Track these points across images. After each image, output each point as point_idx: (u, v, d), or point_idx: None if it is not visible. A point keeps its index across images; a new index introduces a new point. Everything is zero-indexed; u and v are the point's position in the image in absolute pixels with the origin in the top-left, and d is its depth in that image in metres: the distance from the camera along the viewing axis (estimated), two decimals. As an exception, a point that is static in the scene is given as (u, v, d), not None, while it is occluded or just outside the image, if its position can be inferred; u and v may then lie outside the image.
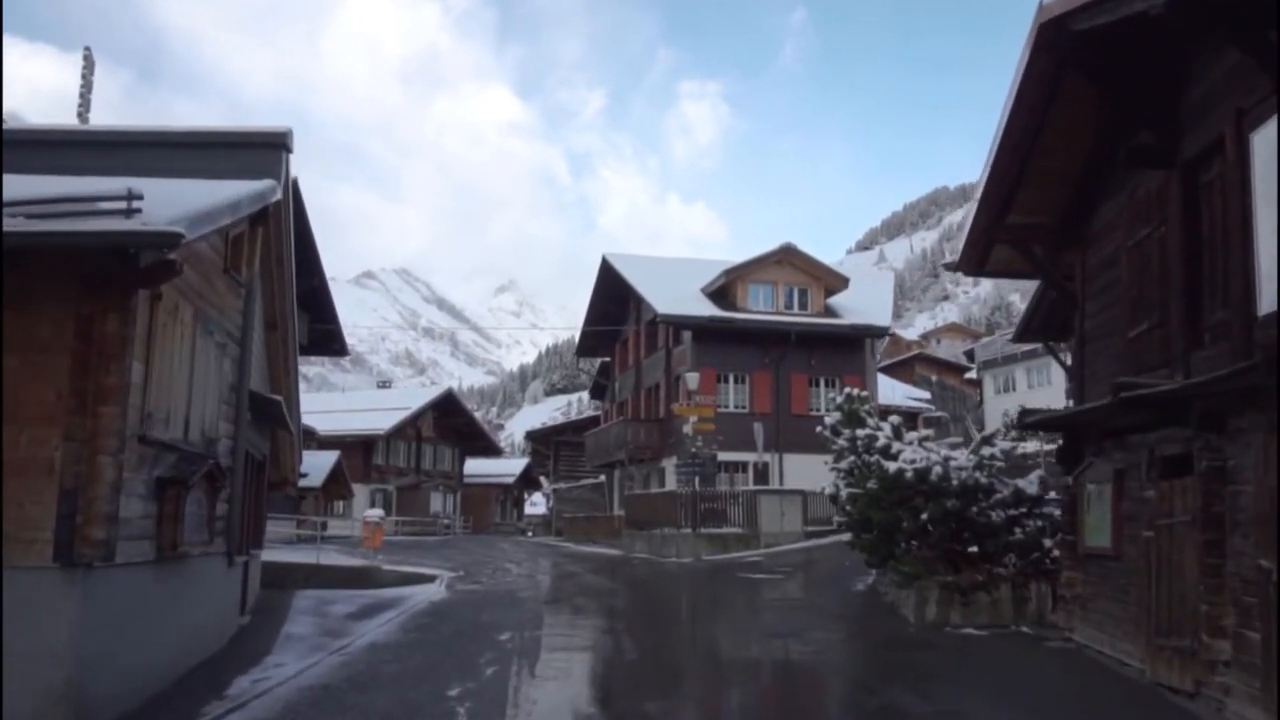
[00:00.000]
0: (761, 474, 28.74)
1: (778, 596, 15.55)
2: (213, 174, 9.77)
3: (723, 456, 27.22)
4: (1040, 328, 28.05)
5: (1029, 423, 10.46)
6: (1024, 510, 12.48)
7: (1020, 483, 12.51)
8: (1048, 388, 47.23)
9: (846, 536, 24.14)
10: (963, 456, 12.69)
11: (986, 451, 12.54)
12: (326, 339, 37.31)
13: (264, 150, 10.77)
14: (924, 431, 13.57)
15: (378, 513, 21.37)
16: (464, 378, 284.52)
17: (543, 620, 12.91)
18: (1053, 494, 13.55)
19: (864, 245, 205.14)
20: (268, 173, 10.57)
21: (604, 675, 9.56)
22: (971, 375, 59.87)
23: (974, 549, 12.65)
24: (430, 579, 19.62)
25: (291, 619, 12.93)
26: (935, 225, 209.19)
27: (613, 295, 35.94)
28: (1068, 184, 10.48)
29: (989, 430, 13.04)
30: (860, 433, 13.03)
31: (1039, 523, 12.31)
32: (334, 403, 58.29)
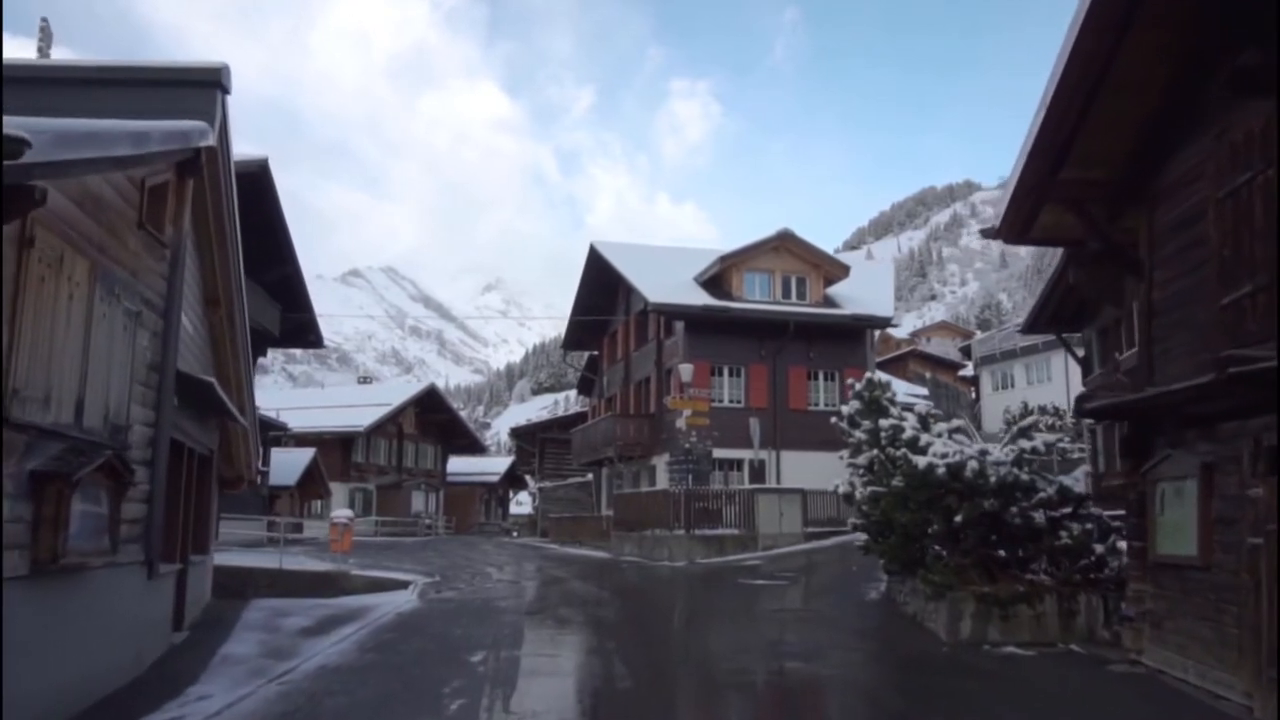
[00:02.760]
0: (758, 472, 27.26)
1: (784, 607, 14.04)
2: (134, 116, 8.19)
3: (717, 454, 25.69)
4: (1052, 319, 26.78)
5: (1089, 410, 8.98)
6: (1069, 511, 11.01)
7: (1065, 480, 11.04)
8: (1047, 384, 45.96)
9: (849, 538, 22.79)
10: (998, 450, 11.21)
11: (1025, 445, 11.06)
12: (302, 330, 35.68)
13: (194, 90, 9.19)
14: (955, 422, 12.06)
15: (346, 513, 19.74)
16: (451, 376, 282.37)
17: (522, 636, 11.36)
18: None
19: (851, 245, 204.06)
20: (200, 116, 9.00)
21: (592, 709, 8.01)
22: (966, 372, 58.58)
23: (1001, 553, 11.22)
24: (402, 585, 18.02)
25: (235, 636, 11.32)
26: (922, 225, 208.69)
27: (601, 286, 34.39)
28: (1133, 130, 9.01)
29: (1026, 422, 11.53)
30: (884, 423, 11.51)
31: (1087, 525, 10.84)
32: (311, 398, 56.63)
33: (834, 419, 13.19)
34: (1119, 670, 8.69)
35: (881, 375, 12.86)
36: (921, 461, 10.61)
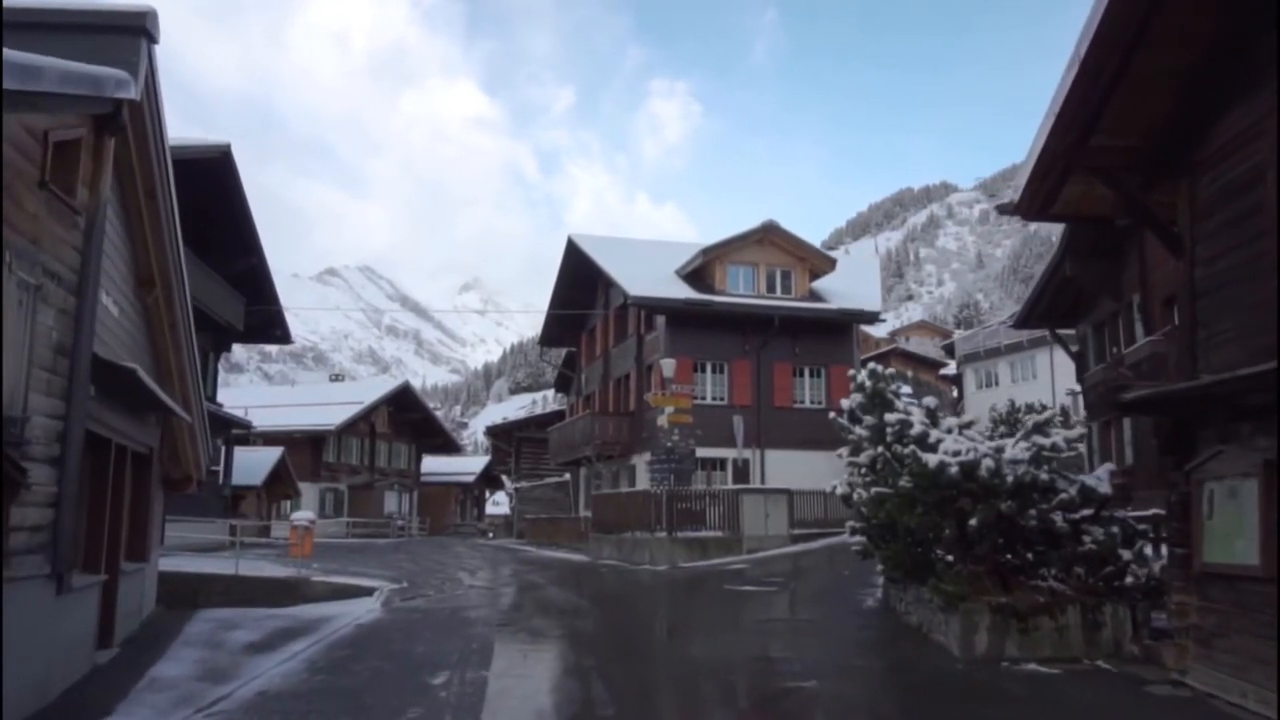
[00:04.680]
0: (741, 472, 26.31)
1: (776, 617, 13.05)
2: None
3: (699, 453, 24.67)
4: (1044, 314, 25.93)
5: (1128, 401, 8.01)
6: (1090, 513, 10.08)
7: (1088, 479, 10.10)
8: (1032, 381, 45.40)
9: (837, 540, 21.76)
10: (1012, 448, 10.24)
11: (1043, 441, 10.10)
12: (268, 325, 34.18)
13: (113, 36, 8.02)
14: (967, 417, 11.11)
15: (306, 515, 18.57)
16: (428, 376, 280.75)
17: (492, 652, 10.28)
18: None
19: (829, 245, 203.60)
20: (123, 67, 7.86)
21: (569, 743, 6.97)
22: (948, 371, 58.00)
23: (1008, 557, 10.29)
24: (367, 592, 16.87)
25: (170, 654, 10.18)
26: (899, 226, 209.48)
27: (579, 280, 33.32)
28: (1175, 89, 8.07)
29: (1042, 417, 10.59)
30: (890, 418, 10.49)
31: (1112, 529, 9.91)
32: (281, 396, 55.18)
33: (832, 414, 12.20)
34: (1161, 693, 7.74)
35: (879, 367, 11.85)
36: (932, 460, 9.63)
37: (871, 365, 11.57)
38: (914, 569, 10.70)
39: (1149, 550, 9.90)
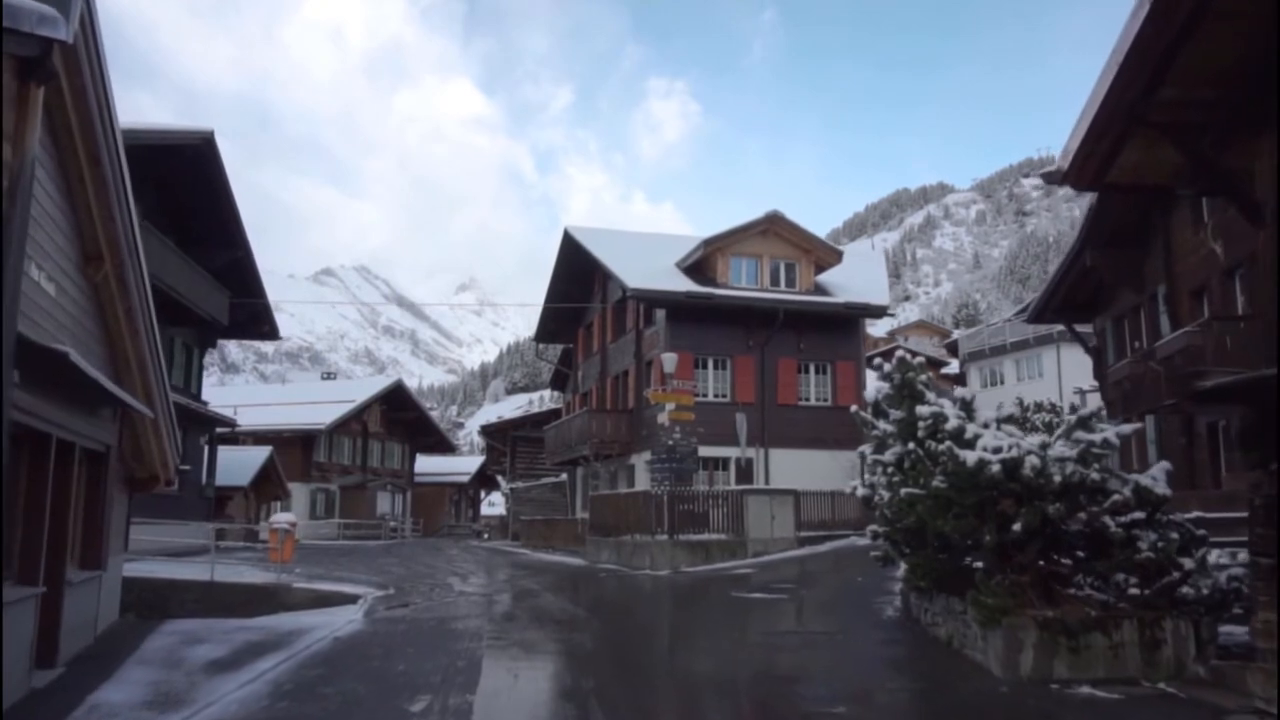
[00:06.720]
0: (744, 471, 25.26)
1: (790, 628, 12.05)
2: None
3: (701, 451, 23.66)
4: (1060, 308, 24.91)
5: (1202, 391, 7.00)
6: (1145, 516, 9.07)
7: (1142, 479, 9.08)
8: (1039, 380, 44.48)
9: (845, 543, 20.92)
10: (1055, 444, 9.23)
11: (1092, 438, 9.09)
12: (255, 320, 33.02)
13: (44, -31, 6.99)
14: (1007, 409, 10.12)
15: (287, 517, 17.53)
16: (425, 376, 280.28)
17: (480, 671, 9.25)
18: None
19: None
20: (52, 3, 6.83)
21: (564, 788, 5.95)
22: (950, 369, 57.07)
23: (1044, 565, 9.30)
24: (350, 600, 15.86)
25: (121, 674, 9.13)
26: (896, 226, 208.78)
27: (576, 274, 32.32)
28: (1256, 34, 7.07)
29: (1086, 411, 9.58)
30: (922, 411, 9.45)
31: (1171, 533, 8.91)
32: (271, 394, 54.14)
33: (854, 408, 11.18)
34: (1245, 725, 6.74)
35: (907, 356, 10.84)
36: (971, 457, 8.61)
37: (900, 353, 10.57)
38: (945, 578, 9.70)
39: (1214, 557, 8.90)
